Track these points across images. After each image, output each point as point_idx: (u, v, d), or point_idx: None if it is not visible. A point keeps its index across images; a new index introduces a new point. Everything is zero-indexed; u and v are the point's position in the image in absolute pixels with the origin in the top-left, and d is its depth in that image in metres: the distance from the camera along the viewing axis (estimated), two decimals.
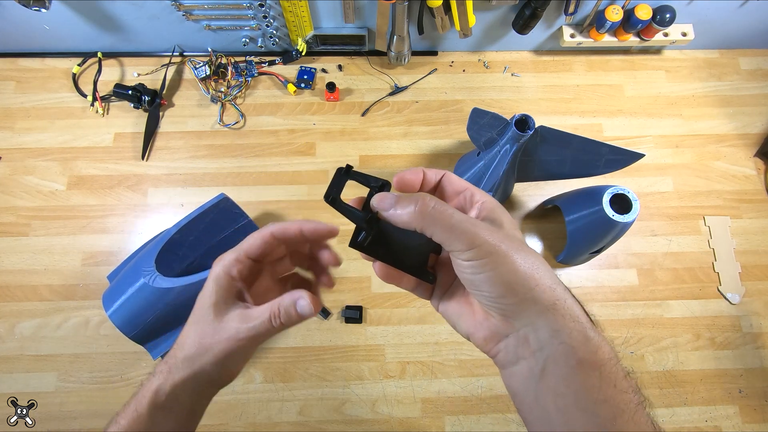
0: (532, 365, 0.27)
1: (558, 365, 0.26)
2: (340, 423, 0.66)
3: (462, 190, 0.32)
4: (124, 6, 0.74)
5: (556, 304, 0.26)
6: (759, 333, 0.71)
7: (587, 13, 0.78)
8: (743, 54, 0.87)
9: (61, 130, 0.80)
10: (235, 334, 0.32)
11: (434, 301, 0.34)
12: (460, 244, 0.27)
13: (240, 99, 0.83)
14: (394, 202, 0.29)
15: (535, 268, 0.27)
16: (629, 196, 0.61)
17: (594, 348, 0.26)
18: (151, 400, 0.32)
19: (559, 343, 0.26)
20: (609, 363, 0.26)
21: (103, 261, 0.73)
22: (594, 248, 0.69)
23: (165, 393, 0.33)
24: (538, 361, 0.27)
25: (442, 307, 0.33)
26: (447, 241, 0.27)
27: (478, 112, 0.62)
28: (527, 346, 0.27)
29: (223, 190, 0.77)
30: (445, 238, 0.27)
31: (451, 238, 0.27)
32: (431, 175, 0.32)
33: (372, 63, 0.85)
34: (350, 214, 0.31)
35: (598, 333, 0.27)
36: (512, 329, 0.28)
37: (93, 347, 0.69)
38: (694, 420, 0.67)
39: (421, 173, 0.32)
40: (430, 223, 0.27)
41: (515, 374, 0.28)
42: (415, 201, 0.28)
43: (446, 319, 0.33)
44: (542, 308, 0.26)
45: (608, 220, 0.61)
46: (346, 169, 0.32)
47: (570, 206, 0.69)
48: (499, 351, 0.29)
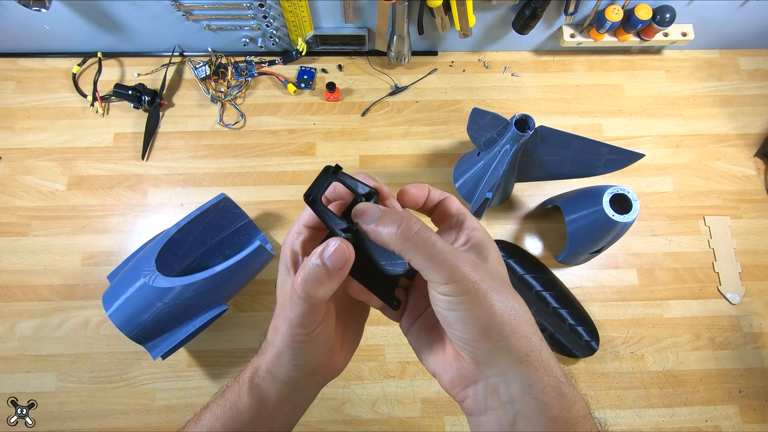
0: (502, 418, 0.26)
1: (529, 422, 0.25)
2: (340, 423, 0.66)
3: (456, 213, 0.31)
4: (124, 6, 0.74)
5: (530, 355, 0.25)
6: (759, 333, 0.71)
7: (587, 13, 0.78)
8: (743, 54, 0.87)
9: (61, 130, 0.80)
10: (284, 322, 0.29)
11: (404, 325, 0.32)
12: (439, 276, 0.25)
13: (240, 99, 0.83)
14: (377, 218, 0.27)
15: (514, 313, 0.26)
16: (629, 196, 0.61)
17: (568, 405, 0.25)
18: (251, 377, 0.31)
19: (532, 398, 0.25)
20: (583, 420, 0.26)
21: (103, 261, 0.73)
22: (594, 248, 0.69)
23: (263, 371, 0.31)
24: (507, 414, 0.25)
25: (411, 335, 0.32)
26: (425, 270, 0.26)
27: (478, 112, 0.62)
28: (497, 396, 0.26)
29: (223, 190, 0.77)
30: (423, 266, 0.26)
31: (430, 267, 0.26)
32: (435, 194, 0.31)
33: (372, 63, 0.85)
34: (328, 220, 0.29)
35: (572, 388, 0.26)
36: (482, 376, 0.26)
37: (93, 347, 0.69)
38: (694, 420, 0.67)
39: (427, 191, 0.31)
40: (411, 248, 0.26)
41: (483, 425, 0.27)
42: (399, 222, 0.26)
43: (413, 348, 0.31)
44: (516, 358, 0.25)
45: (608, 220, 0.61)
46: (334, 168, 0.30)
47: (570, 206, 0.69)
48: (466, 397, 0.28)
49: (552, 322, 0.69)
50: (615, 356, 0.70)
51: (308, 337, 0.29)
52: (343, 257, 0.26)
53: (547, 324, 0.69)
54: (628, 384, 0.69)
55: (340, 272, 0.27)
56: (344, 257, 0.26)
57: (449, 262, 0.25)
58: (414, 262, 0.26)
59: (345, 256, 0.26)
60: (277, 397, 0.31)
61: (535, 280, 0.72)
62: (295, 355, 0.30)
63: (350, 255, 0.27)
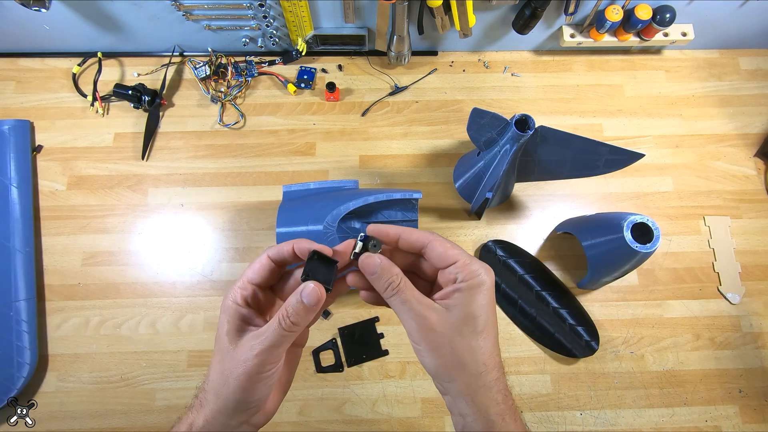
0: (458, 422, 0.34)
1: None
2: (340, 423, 0.66)
3: (452, 261, 0.33)
4: (124, 6, 0.74)
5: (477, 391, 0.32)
6: (759, 333, 0.71)
7: (587, 13, 0.78)
8: (743, 54, 0.87)
9: (61, 130, 0.80)
10: (250, 350, 0.32)
11: None
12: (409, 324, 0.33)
13: (240, 99, 0.83)
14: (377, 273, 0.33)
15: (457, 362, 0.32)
16: (649, 224, 0.60)
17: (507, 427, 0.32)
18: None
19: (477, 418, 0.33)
20: None
21: (103, 261, 0.73)
22: (616, 274, 0.69)
23: (198, 428, 0.33)
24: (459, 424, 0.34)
25: None
26: (400, 315, 0.33)
27: (478, 112, 0.62)
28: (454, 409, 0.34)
29: (223, 189, 0.77)
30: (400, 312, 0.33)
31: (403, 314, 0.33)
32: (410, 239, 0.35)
33: (372, 63, 0.85)
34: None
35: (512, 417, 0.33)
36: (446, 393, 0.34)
37: (93, 347, 0.69)
38: (694, 420, 0.67)
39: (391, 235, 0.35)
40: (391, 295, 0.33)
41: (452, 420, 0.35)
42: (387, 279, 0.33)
43: None
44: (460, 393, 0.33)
45: (629, 249, 0.59)
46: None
47: (586, 233, 0.68)
48: None
49: (552, 322, 0.69)
50: (615, 356, 0.70)
51: (265, 375, 0.32)
52: (317, 297, 0.32)
53: (547, 324, 0.69)
54: (628, 384, 0.69)
55: (315, 308, 0.32)
56: (317, 297, 0.32)
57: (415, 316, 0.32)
58: (395, 308, 0.33)
59: (318, 296, 0.32)
60: None
61: (534, 280, 0.72)
62: (243, 398, 0.32)
63: (322, 296, 0.32)
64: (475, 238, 0.75)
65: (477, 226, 0.76)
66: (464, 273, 0.33)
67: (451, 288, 0.33)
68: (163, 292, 0.72)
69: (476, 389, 0.32)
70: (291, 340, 0.33)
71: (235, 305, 0.33)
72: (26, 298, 0.69)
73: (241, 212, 0.76)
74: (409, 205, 0.66)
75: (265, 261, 0.34)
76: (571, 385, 0.69)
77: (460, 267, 0.33)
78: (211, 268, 0.74)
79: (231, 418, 0.33)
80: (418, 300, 0.33)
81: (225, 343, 0.33)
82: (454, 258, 0.33)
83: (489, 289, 0.33)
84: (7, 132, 0.77)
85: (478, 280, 0.32)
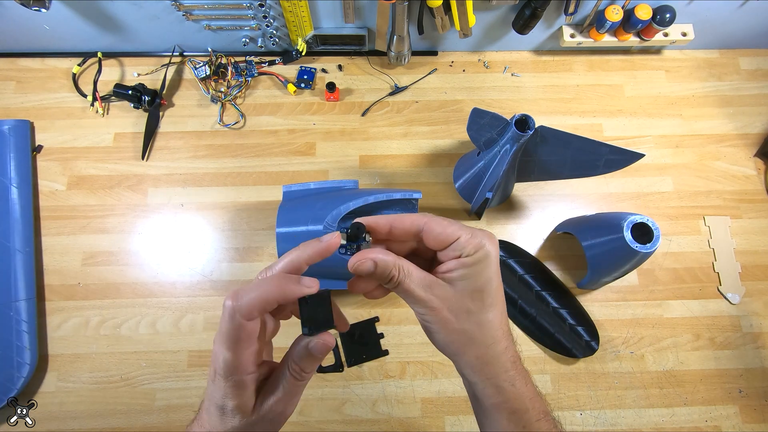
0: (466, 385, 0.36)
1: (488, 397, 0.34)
2: (340, 423, 0.66)
3: (453, 239, 0.32)
4: (124, 6, 0.74)
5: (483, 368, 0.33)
6: (759, 333, 0.71)
7: (587, 13, 0.78)
8: (743, 54, 0.87)
9: (61, 130, 0.80)
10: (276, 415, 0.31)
11: None
12: (415, 308, 0.33)
13: (240, 99, 0.83)
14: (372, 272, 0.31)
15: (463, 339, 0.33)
16: (649, 224, 0.60)
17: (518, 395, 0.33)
18: None
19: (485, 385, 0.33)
20: None
21: (103, 261, 0.73)
22: (616, 274, 0.69)
23: None
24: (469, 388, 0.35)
25: None
26: (406, 301, 0.33)
27: (478, 112, 0.62)
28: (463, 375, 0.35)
29: (223, 189, 0.77)
30: (405, 299, 0.33)
31: (408, 301, 0.33)
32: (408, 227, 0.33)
33: (372, 63, 0.85)
34: None
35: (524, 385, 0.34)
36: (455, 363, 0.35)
37: (93, 347, 0.69)
38: (694, 420, 0.67)
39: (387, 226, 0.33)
40: (392, 288, 0.32)
41: None
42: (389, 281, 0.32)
43: None
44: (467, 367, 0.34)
45: (629, 249, 0.59)
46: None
47: (585, 233, 0.68)
48: None
49: (552, 322, 0.69)
50: (615, 356, 0.70)
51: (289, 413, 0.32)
52: (326, 348, 0.31)
53: (547, 324, 0.69)
54: (628, 384, 0.69)
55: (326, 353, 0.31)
56: (326, 347, 0.31)
57: (420, 301, 0.32)
58: (400, 297, 0.33)
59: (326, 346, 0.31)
60: None
61: (534, 280, 0.72)
62: None
63: (331, 343, 0.31)
64: None
65: (477, 226, 0.76)
66: (468, 248, 0.31)
67: (455, 263, 0.32)
68: (163, 292, 0.72)
69: (485, 360, 0.32)
70: (306, 383, 0.32)
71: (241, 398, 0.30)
72: (26, 298, 0.69)
73: (241, 212, 0.76)
74: (409, 205, 0.66)
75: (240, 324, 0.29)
76: (571, 385, 0.69)
77: (463, 244, 0.31)
78: (211, 268, 0.74)
79: None
80: (420, 284, 0.32)
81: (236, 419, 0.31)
82: (454, 235, 0.32)
83: (494, 259, 0.32)
84: (7, 132, 0.77)
85: (482, 252, 0.31)
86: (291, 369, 0.31)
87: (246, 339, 0.29)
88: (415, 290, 0.31)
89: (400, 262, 0.31)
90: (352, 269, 0.31)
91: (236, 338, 0.29)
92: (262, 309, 0.29)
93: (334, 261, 0.40)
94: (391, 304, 0.72)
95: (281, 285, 0.29)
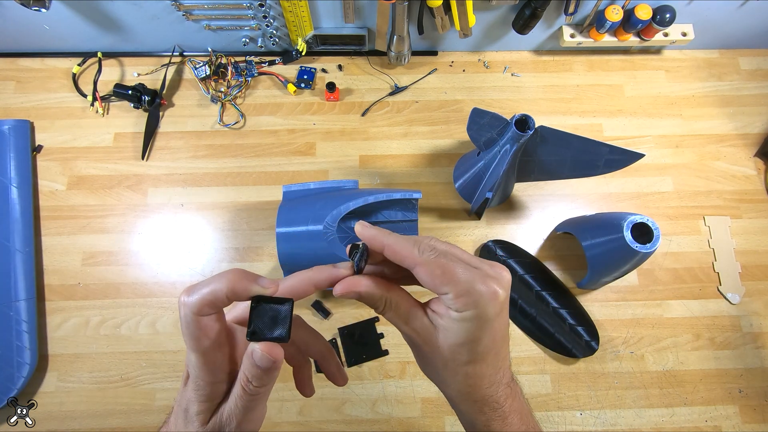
0: None
1: None
2: (340, 423, 0.66)
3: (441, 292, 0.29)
4: (124, 6, 0.74)
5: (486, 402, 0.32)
6: (759, 333, 0.71)
7: (587, 13, 0.78)
8: (743, 54, 0.87)
9: (61, 130, 0.80)
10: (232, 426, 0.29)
11: None
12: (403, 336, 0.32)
13: (240, 99, 0.83)
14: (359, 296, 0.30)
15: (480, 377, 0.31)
16: (649, 224, 0.60)
17: None
18: None
19: None
20: None
21: (103, 261, 0.73)
22: (616, 274, 0.69)
23: None
24: None
25: None
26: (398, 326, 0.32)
27: (478, 112, 0.62)
28: None
29: (223, 189, 0.77)
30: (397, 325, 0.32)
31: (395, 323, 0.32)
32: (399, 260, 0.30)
33: (372, 63, 0.85)
34: None
35: None
36: None
37: (93, 347, 0.69)
38: (694, 420, 0.67)
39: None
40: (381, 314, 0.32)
41: None
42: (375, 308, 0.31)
43: None
44: None
45: (629, 249, 0.59)
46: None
47: (585, 233, 0.68)
48: None
49: (552, 322, 0.69)
50: (615, 356, 0.70)
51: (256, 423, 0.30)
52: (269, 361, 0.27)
53: (547, 324, 0.69)
54: (628, 384, 0.69)
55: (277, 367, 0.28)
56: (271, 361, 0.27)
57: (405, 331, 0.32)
58: None
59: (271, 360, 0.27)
60: None
61: (534, 280, 0.72)
62: None
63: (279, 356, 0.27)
64: (475, 238, 0.75)
65: (477, 226, 0.76)
66: (457, 304, 0.28)
67: (443, 310, 0.29)
68: (163, 292, 0.72)
69: (468, 406, 0.32)
70: (266, 396, 0.30)
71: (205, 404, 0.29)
72: (26, 298, 0.69)
73: (241, 212, 0.76)
74: (409, 205, 0.66)
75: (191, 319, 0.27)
76: (571, 385, 0.69)
77: (451, 300, 0.28)
78: (211, 268, 0.74)
79: None
80: (405, 319, 0.31)
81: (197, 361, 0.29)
82: (441, 290, 0.29)
83: (492, 317, 0.28)
84: (7, 132, 0.77)
85: (470, 314, 0.28)
86: (241, 379, 0.28)
87: (203, 337, 0.28)
88: (398, 324, 0.32)
89: (389, 294, 0.30)
90: (336, 294, 0.30)
91: (192, 335, 0.27)
92: (212, 304, 0.27)
93: None
94: None
95: (233, 280, 0.27)
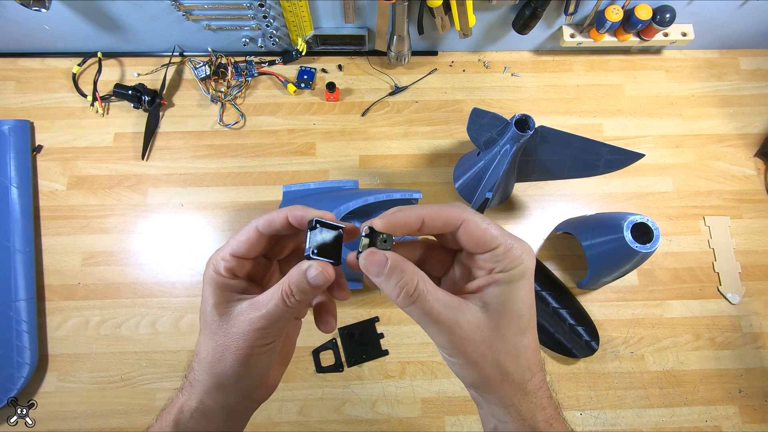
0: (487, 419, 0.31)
1: None
2: (340, 423, 0.66)
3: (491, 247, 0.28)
4: (124, 6, 0.74)
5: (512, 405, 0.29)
6: (759, 333, 0.71)
7: (587, 13, 0.78)
8: (743, 54, 0.87)
9: (61, 130, 0.80)
10: (248, 324, 0.28)
11: None
12: (437, 339, 0.28)
13: (240, 99, 0.83)
14: (385, 273, 0.27)
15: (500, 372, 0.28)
16: (649, 224, 0.60)
17: None
18: (175, 420, 0.29)
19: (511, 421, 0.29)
20: None
21: (103, 261, 0.73)
22: (616, 274, 0.69)
23: (191, 410, 0.30)
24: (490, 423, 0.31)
25: None
26: (425, 329, 0.28)
27: (478, 112, 0.62)
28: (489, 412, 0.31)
29: (223, 189, 0.77)
30: (424, 326, 0.28)
31: (429, 329, 0.28)
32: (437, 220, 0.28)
33: (372, 63, 0.85)
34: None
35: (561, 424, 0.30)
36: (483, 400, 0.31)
37: (93, 347, 0.69)
38: (694, 420, 0.67)
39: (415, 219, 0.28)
40: (413, 311, 0.27)
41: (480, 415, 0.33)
42: (401, 284, 0.27)
43: None
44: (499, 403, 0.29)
45: (629, 249, 0.59)
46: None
47: (585, 233, 0.68)
48: None
49: (552, 322, 0.69)
50: (615, 356, 0.70)
51: (268, 347, 0.29)
52: (324, 279, 0.28)
53: (547, 324, 0.69)
54: (628, 384, 0.69)
55: (323, 287, 0.28)
56: (324, 279, 0.28)
57: (445, 327, 0.27)
58: (415, 319, 0.28)
59: (325, 278, 0.28)
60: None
61: (534, 280, 0.71)
62: (244, 372, 0.29)
63: (331, 276, 0.28)
64: None
65: None
66: (506, 261, 0.27)
67: (487, 279, 0.28)
68: (163, 292, 0.72)
69: (521, 397, 0.28)
70: (294, 314, 0.29)
71: (218, 276, 0.29)
72: (26, 298, 0.69)
73: (241, 212, 0.76)
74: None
75: (253, 234, 0.29)
76: (571, 385, 0.69)
77: (502, 254, 0.27)
78: None
79: (230, 395, 0.30)
80: (445, 305, 0.27)
81: (214, 317, 0.29)
82: (494, 242, 0.27)
83: (531, 277, 0.28)
84: (7, 132, 0.77)
85: (521, 269, 0.27)
86: (284, 292, 0.28)
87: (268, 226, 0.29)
88: (435, 309, 0.27)
89: (420, 276, 0.27)
90: (362, 265, 0.28)
91: (263, 218, 0.29)
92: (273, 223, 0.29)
93: None
94: (392, 304, 0.72)
95: (295, 208, 0.29)
